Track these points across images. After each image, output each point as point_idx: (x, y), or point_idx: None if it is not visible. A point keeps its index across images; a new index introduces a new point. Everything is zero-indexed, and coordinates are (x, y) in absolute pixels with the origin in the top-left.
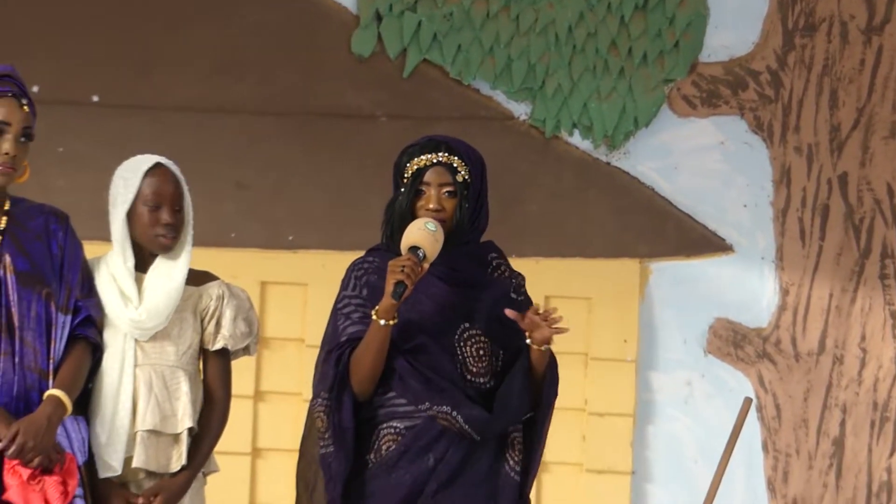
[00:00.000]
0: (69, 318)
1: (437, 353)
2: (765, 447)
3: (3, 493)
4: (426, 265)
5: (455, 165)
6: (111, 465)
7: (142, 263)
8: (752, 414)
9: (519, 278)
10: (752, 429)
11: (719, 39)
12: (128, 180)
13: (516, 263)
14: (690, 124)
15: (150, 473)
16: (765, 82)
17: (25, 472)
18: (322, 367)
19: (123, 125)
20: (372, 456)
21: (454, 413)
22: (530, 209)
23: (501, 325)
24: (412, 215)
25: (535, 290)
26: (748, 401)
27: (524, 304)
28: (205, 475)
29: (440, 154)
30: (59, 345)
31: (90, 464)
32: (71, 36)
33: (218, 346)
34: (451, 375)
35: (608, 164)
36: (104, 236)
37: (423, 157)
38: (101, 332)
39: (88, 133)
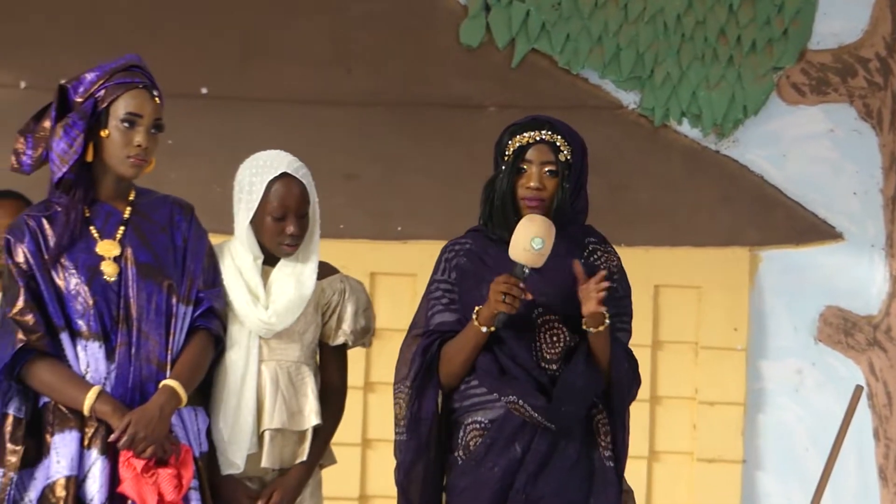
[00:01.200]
0: (190, 309)
1: (513, 341)
2: (876, 435)
3: (118, 486)
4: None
5: (558, 144)
6: (234, 462)
7: (269, 257)
8: (863, 402)
9: (611, 264)
10: (863, 417)
11: (828, 27)
12: (253, 186)
13: (625, 252)
14: (799, 112)
15: (275, 469)
16: (874, 69)
17: (139, 464)
18: (406, 353)
19: (232, 117)
20: (460, 453)
21: (521, 402)
22: (640, 198)
23: (578, 312)
24: (513, 194)
25: (645, 279)
26: (859, 389)
27: (615, 291)
28: (321, 468)
29: (543, 132)
30: (178, 336)
31: (210, 456)
32: (179, 28)
33: (338, 341)
34: (527, 364)
35: (717, 152)
36: (215, 228)
37: (525, 134)
38: (223, 323)
39: (198, 125)
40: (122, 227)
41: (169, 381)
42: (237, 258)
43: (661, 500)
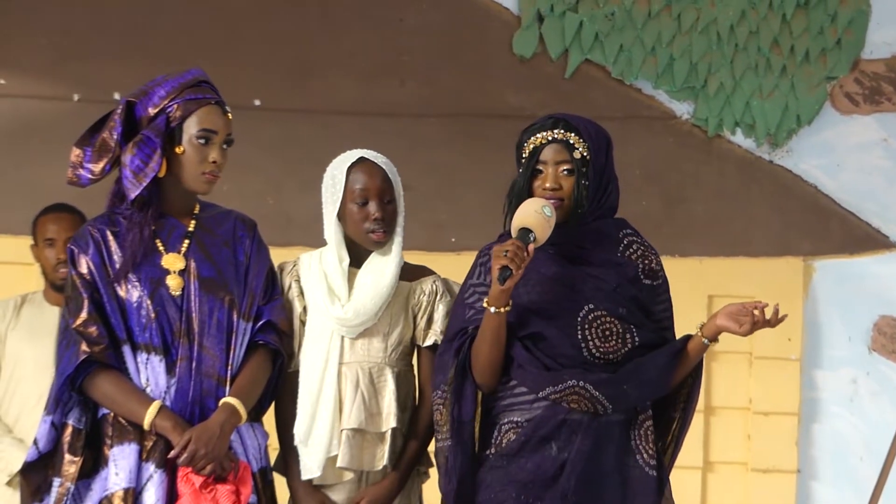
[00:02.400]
0: (250, 325)
1: (556, 339)
2: None
3: (175, 501)
4: (532, 248)
5: (572, 142)
6: (311, 467)
7: (356, 259)
8: None
9: (652, 260)
10: None
11: (881, 36)
12: (335, 178)
13: (679, 263)
14: (853, 121)
15: (357, 474)
16: None
17: (198, 480)
18: (440, 359)
19: (285, 129)
20: (492, 451)
21: (581, 383)
22: (693, 208)
23: (633, 304)
24: (530, 196)
25: (699, 290)
26: None
27: (658, 288)
28: (421, 472)
29: (556, 131)
30: (238, 352)
31: (278, 467)
32: (232, 40)
33: (429, 342)
34: (574, 360)
35: (771, 162)
36: (267, 239)
37: (539, 135)
38: (282, 336)
39: (250, 137)
40: (186, 241)
41: (229, 399)
42: (324, 262)
43: None
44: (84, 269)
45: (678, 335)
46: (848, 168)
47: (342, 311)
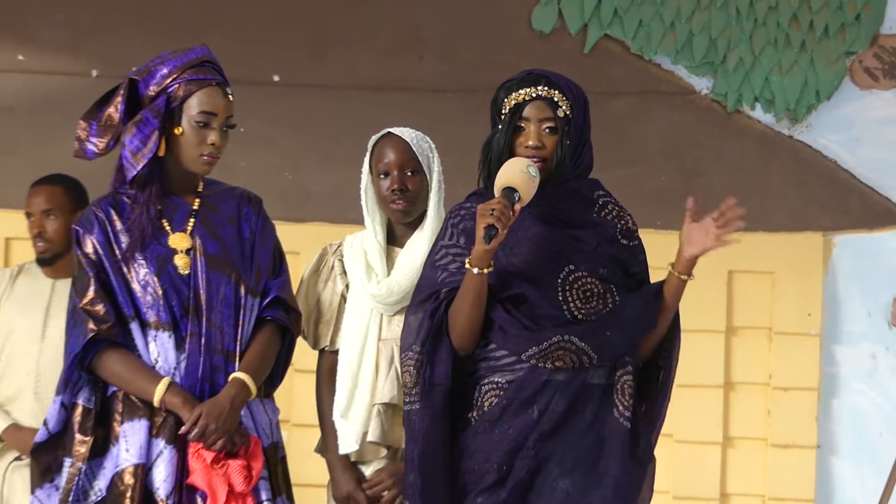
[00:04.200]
0: (258, 300)
1: (537, 300)
2: None
3: (187, 477)
4: (518, 208)
5: (556, 100)
6: (348, 441)
7: (400, 238)
8: None
9: (628, 220)
10: None
11: None
12: (367, 156)
13: None
14: (872, 96)
15: (392, 451)
16: None
17: (209, 456)
18: (410, 319)
19: (303, 104)
20: (475, 413)
21: (567, 336)
22: (713, 184)
23: (613, 264)
24: (511, 154)
25: (719, 265)
26: None
27: (635, 249)
28: None
29: (540, 88)
30: (246, 327)
31: (320, 448)
32: (251, 16)
33: None
34: (556, 321)
35: (790, 137)
36: (286, 215)
37: (521, 91)
38: (290, 311)
39: (269, 113)
40: (191, 220)
41: (239, 374)
42: (365, 240)
43: (736, 486)
44: (89, 249)
45: (696, 315)
46: (867, 143)
47: (377, 287)
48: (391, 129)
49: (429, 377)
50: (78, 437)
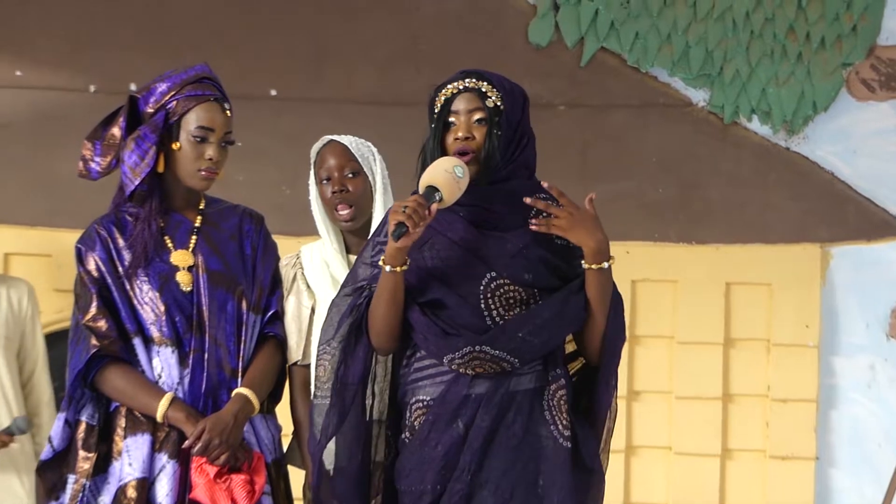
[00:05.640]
0: (259, 317)
1: (456, 307)
2: None
3: (190, 492)
4: (434, 207)
5: (484, 90)
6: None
7: (350, 247)
8: None
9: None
10: None
11: None
12: (311, 165)
13: (697, 250)
14: (869, 108)
15: None
16: None
17: (212, 471)
18: (332, 313)
19: (301, 119)
20: (406, 434)
21: (478, 347)
22: (710, 195)
23: (543, 267)
24: (443, 152)
25: (716, 277)
26: None
27: (570, 250)
28: None
29: (468, 80)
30: (249, 344)
31: (290, 458)
32: (249, 30)
33: None
34: (474, 329)
35: (787, 149)
36: (284, 229)
37: (450, 85)
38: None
39: (267, 127)
40: (193, 237)
41: (242, 390)
42: (324, 252)
43: (735, 498)
44: (91, 266)
45: (694, 327)
46: (864, 154)
47: None
48: (331, 136)
49: (342, 374)
50: (82, 453)
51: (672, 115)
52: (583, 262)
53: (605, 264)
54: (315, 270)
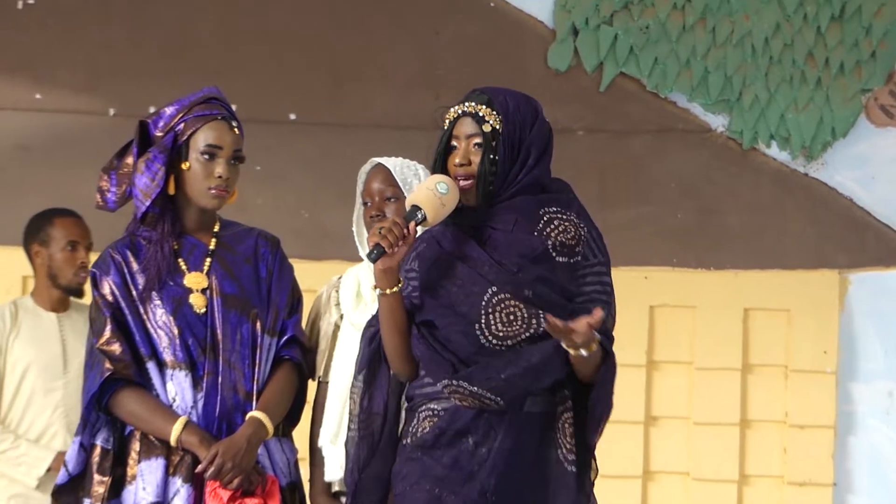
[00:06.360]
0: (275, 340)
1: (450, 326)
2: None
3: None
4: (413, 227)
5: (481, 114)
6: (334, 468)
7: None
8: None
9: (571, 235)
10: None
11: None
12: (359, 186)
13: (715, 276)
14: (888, 134)
15: None
16: None
17: (225, 494)
18: (360, 345)
19: (320, 143)
20: (408, 440)
21: (455, 382)
22: (728, 221)
23: (542, 285)
24: (446, 175)
25: (734, 302)
26: None
27: (578, 265)
28: None
29: (466, 105)
30: (264, 367)
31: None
32: (268, 54)
33: None
34: (467, 348)
35: (806, 174)
36: (302, 253)
37: (452, 108)
38: (305, 351)
39: (286, 151)
40: (207, 259)
41: (256, 413)
42: (361, 271)
43: None
44: (106, 291)
45: (713, 352)
46: (883, 180)
47: (360, 316)
48: (378, 159)
49: (366, 405)
50: (97, 477)
51: (691, 140)
52: (570, 351)
53: (583, 352)
54: (347, 288)
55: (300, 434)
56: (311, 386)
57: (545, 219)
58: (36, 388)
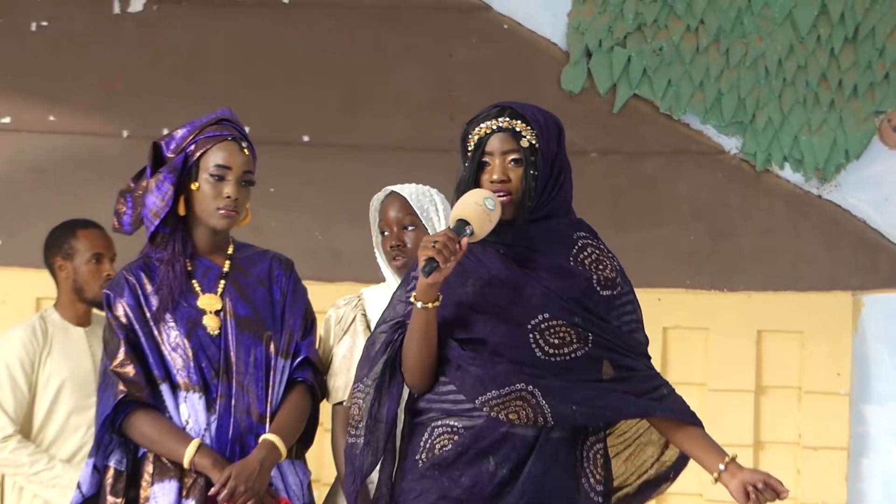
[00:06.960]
0: (288, 362)
1: (502, 346)
2: None
3: None
4: (465, 242)
5: (518, 130)
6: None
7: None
8: None
9: (608, 267)
10: None
11: None
12: (375, 215)
13: (728, 298)
14: None
15: None
16: None
17: None
18: (367, 349)
19: (334, 165)
20: (423, 456)
21: (530, 388)
22: (742, 243)
23: (587, 314)
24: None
25: (747, 324)
26: None
27: (616, 299)
28: None
29: (501, 119)
30: (277, 389)
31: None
32: (282, 76)
33: None
34: (522, 358)
35: (819, 196)
36: (316, 275)
37: (483, 125)
38: (318, 373)
39: (299, 173)
40: (222, 281)
41: (269, 436)
42: (387, 294)
43: None
44: (120, 313)
45: (726, 374)
46: None
47: None
48: (392, 187)
49: (375, 413)
50: (110, 499)
51: (704, 162)
52: (715, 475)
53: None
54: (374, 310)
55: (313, 456)
56: (324, 408)
57: (578, 244)
58: (71, 407)
